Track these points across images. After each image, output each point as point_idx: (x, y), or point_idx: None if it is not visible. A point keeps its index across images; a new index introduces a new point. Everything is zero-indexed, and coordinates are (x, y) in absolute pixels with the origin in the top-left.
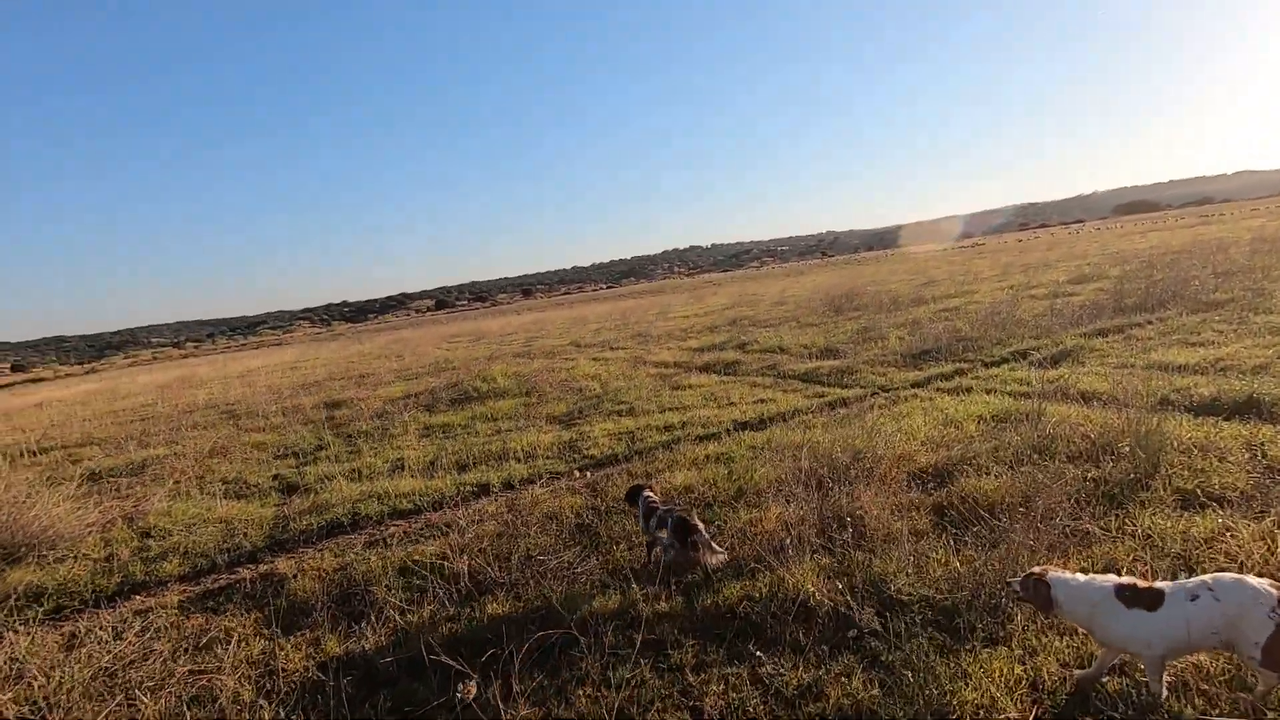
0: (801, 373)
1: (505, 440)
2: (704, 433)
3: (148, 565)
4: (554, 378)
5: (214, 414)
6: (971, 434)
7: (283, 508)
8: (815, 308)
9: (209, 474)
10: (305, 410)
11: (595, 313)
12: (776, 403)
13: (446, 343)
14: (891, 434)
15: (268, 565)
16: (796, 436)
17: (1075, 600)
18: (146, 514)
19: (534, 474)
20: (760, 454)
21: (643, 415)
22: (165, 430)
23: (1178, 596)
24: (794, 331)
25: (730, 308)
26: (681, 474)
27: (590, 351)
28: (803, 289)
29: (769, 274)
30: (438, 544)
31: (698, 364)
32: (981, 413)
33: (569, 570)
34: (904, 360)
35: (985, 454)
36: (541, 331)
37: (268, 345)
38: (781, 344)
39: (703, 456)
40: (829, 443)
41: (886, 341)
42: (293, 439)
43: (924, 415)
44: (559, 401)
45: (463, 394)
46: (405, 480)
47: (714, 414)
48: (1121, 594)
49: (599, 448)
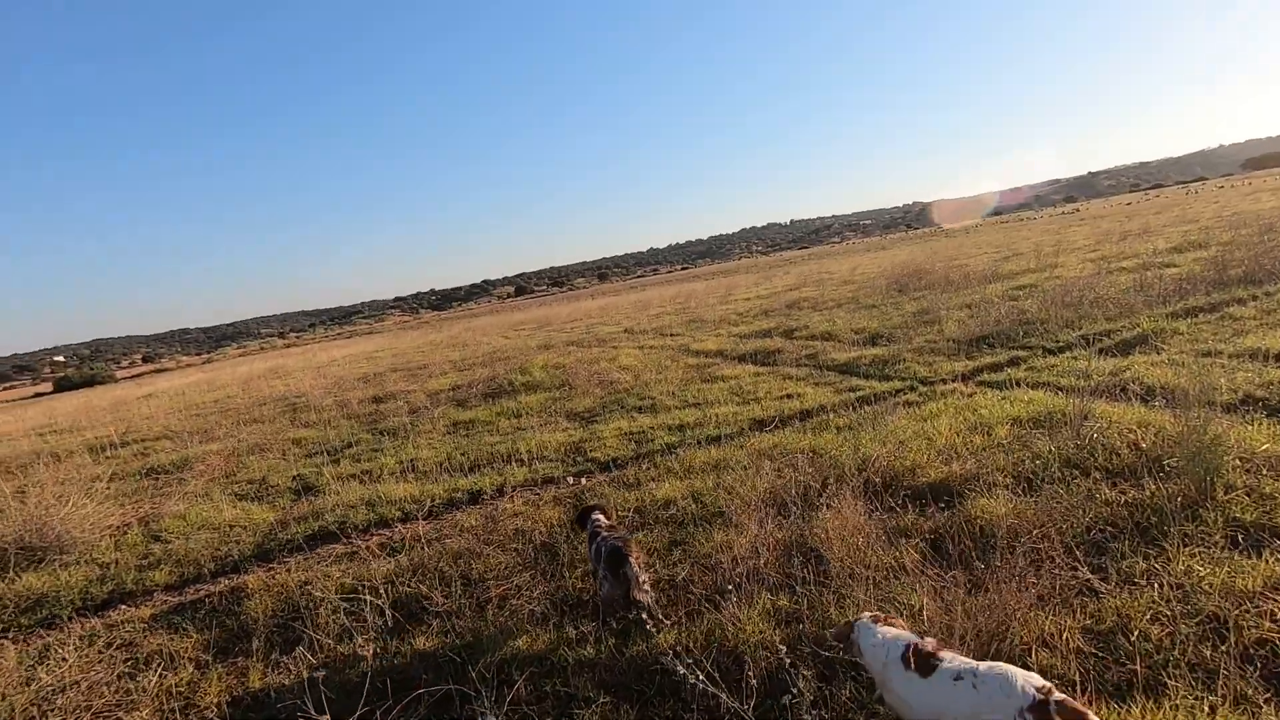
0: (841, 363)
1: (516, 440)
2: (715, 433)
3: (141, 574)
4: (590, 370)
5: (278, 407)
6: (1000, 440)
7: (287, 512)
8: (880, 287)
9: (239, 473)
10: (353, 404)
11: (660, 296)
12: (803, 398)
13: (512, 330)
14: (909, 439)
15: (241, 579)
16: (806, 440)
17: (873, 653)
18: (162, 517)
19: (531, 479)
20: (760, 462)
21: (662, 412)
22: (228, 425)
23: (945, 674)
24: (849, 315)
25: (794, 289)
26: (669, 485)
27: (640, 339)
28: (875, 266)
29: (847, 250)
30: (398, 561)
31: (739, 353)
32: (1019, 414)
33: (512, 598)
34: (956, 347)
35: (1009, 467)
36: (603, 318)
37: (359, 335)
38: (831, 329)
39: (700, 463)
40: (837, 448)
41: (943, 325)
42: (331, 435)
43: (954, 415)
44: (586, 396)
45: (497, 388)
46: (404, 485)
47: (733, 412)
48: (905, 655)
49: (605, 450)
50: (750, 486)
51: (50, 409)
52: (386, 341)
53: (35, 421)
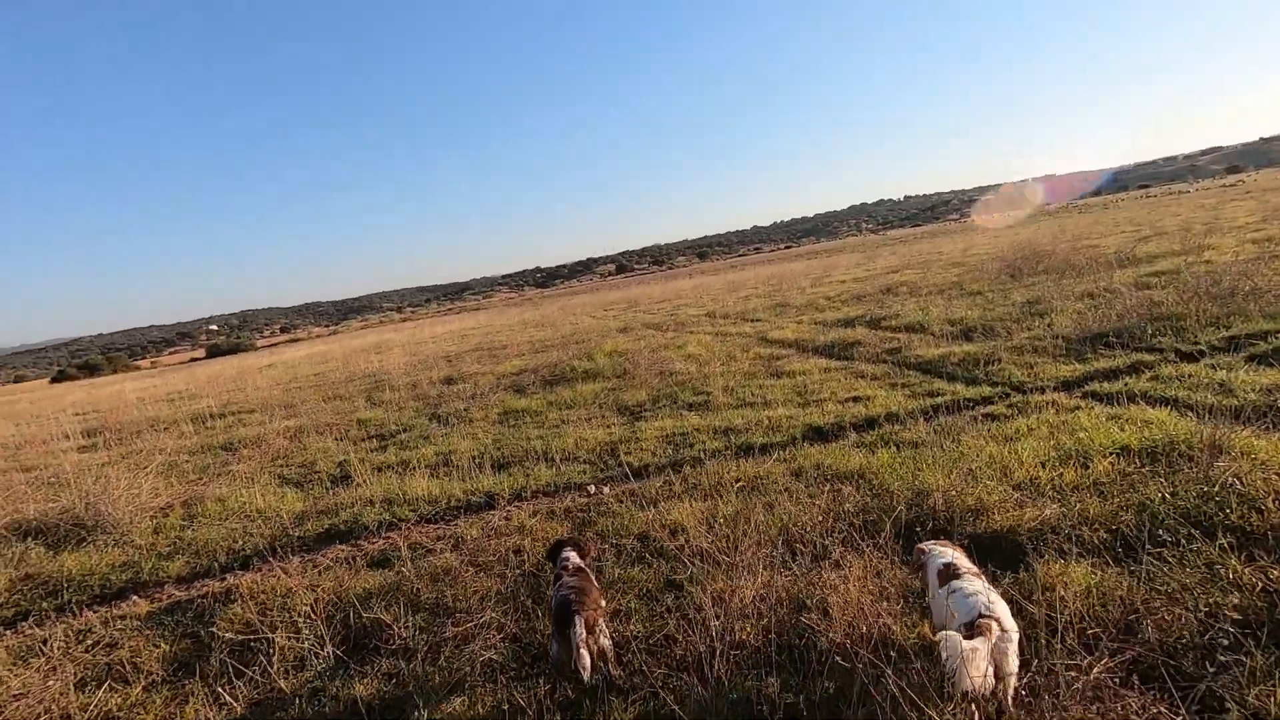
0: (926, 361)
1: (555, 436)
2: (764, 440)
3: (159, 563)
4: (654, 358)
5: (361, 385)
6: (1099, 478)
7: (314, 503)
8: (990, 271)
9: (295, 455)
10: (424, 385)
11: (754, 277)
12: (871, 403)
13: (601, 310)
14: (981, 466)
15: (240, 579)
16: (858, 460)
17: (929, 568)
18: (204, 499)
19: (554, 484)
20: (799, 483)
21: (713, 412)
22: (313, 400)
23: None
24: (947, 303)
25: (894, 271)
26: (687, 506)
27: (719, 324)
28: (991, 245)
29: (964, 228)
30: (384, 576)
31: (816, 344)
32: (1129, 441)
33: (473, 639)
34: (1066, 347)
35: (1104, 518)
36: (690, 299)
37: (467, 310)
38: (923, 319)
39: (732, 479)
40: (891, 472)
41: (1054, 319)
42: (393, 418)
43: (1044, 438)
44: (642, 388)
45: (558, 375)
46: (428, 482)
47: (789, 416)
48: (940, 569)
49: (641, 453)
50: (773, 518)
51: (191, 375)
52: (485, 319)
53: (173, 387)
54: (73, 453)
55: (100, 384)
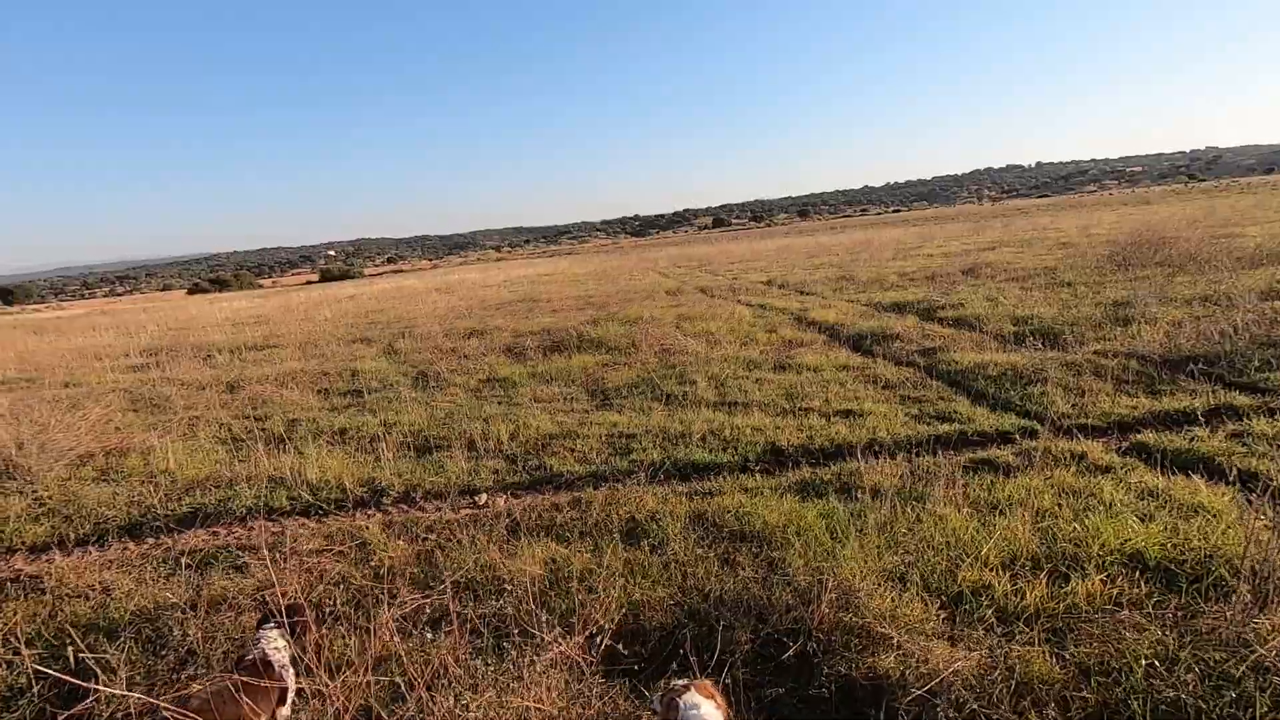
0: (958, 370)
1: (501, 418)
2: (708, 459)
3: (25, 524)
4: (667, 332)
5: (397, 329)
6: (1073, 605)
7: (218, 469)
8: (1095, 257)
9: (260, 405)
10: (441, 338)
11: (842, 243)
12: (861, 422)
13: (672, 266)
14: (923, 556)
15: (68, 562)
16: (784, 510)
17: None
18: (130, 451)
19: (451, 485)
20: (690, 535)
21: (682, 409)
22: (342, 340)
23: None
24: (1025, 294)
25: (990, 248)
26: (542, 549)
27: (770, 295)
28: (1115, 226)
29: (1096, 202)
30: (174, 585)
31: (851, 332)
32: (1148, 546)
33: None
34: (1139, 370)
35: (1066, 685)
36: (764, 262)
37: (561, 254)
38: (987, 313)
39: (622, 517)
40: (806, 542)
41: (1141, 329)
42: (389, 371)
43: (1032, 520)
44: (631, 368)
45: (559, 341)
46: (339, 461)
47: (758, 427)
48: None
49: (570, 455)
50: (613, 592)
51: (286, 300)
52: (562, 265)
53: (259, 310)
54: (113, 372)
55: (220, 299)
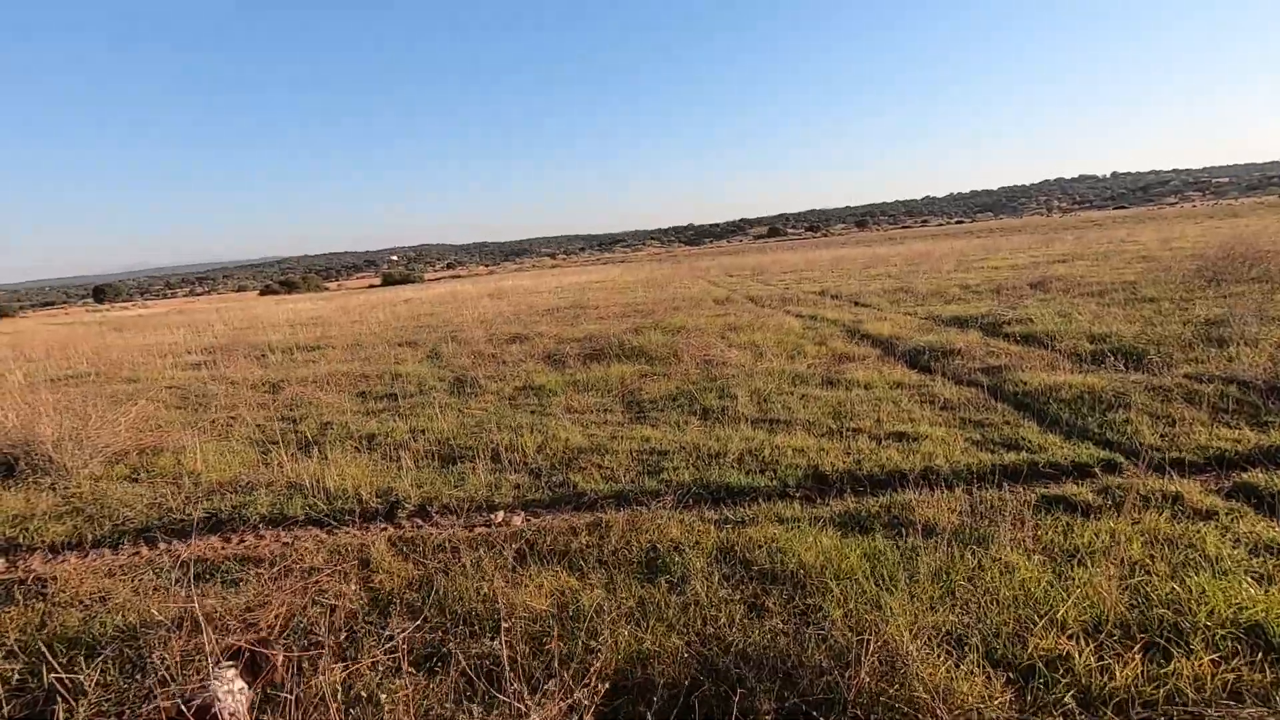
0: (1028, 391)
1: (531, 429)
2: (743, 483)
3: (49, 522)
4: (710, 341)
5: (443, 332)
6: (1176, 692)
7: (242, 473)
8: (1181, 272)
9: (296, 407)
10: (486, 343)
11: (900, 254)
12: (918, 446)
13: (724, 275)
14: (984, 613)
15: (80, 564)
16: (823, 548)
17: None
18: (164, 450)
19: (469, 499)
20: (714, 572)
21: (721, 425)
22: (388, 343)
23: None
24: (1102, 310)
25: (1064, 259)
26: (553, 579)
27: (824, 306)
28: (1202, 238)
29: (1178, 214)
30: (164, 603)
31: (908, 346)
32: (1268, 616)
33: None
34: (1240, 398)
35: None
36: (818, 272)
37: (614, 262)
38: (1060, 329)
39: (643, 546)
40: (845, 589)
41: (1240, 350)
42: (428, 375)
43: (1120, 574)
44: (671, 379)
45: (600, 350)
46: (359, 469)
47: (801, 448)
48: None
49: (598, 472)
50: (616, 648)
51: (345, 302)
52: (614, 273)
53: (317, 312)
54: (172, 369)
55: (287, 300)
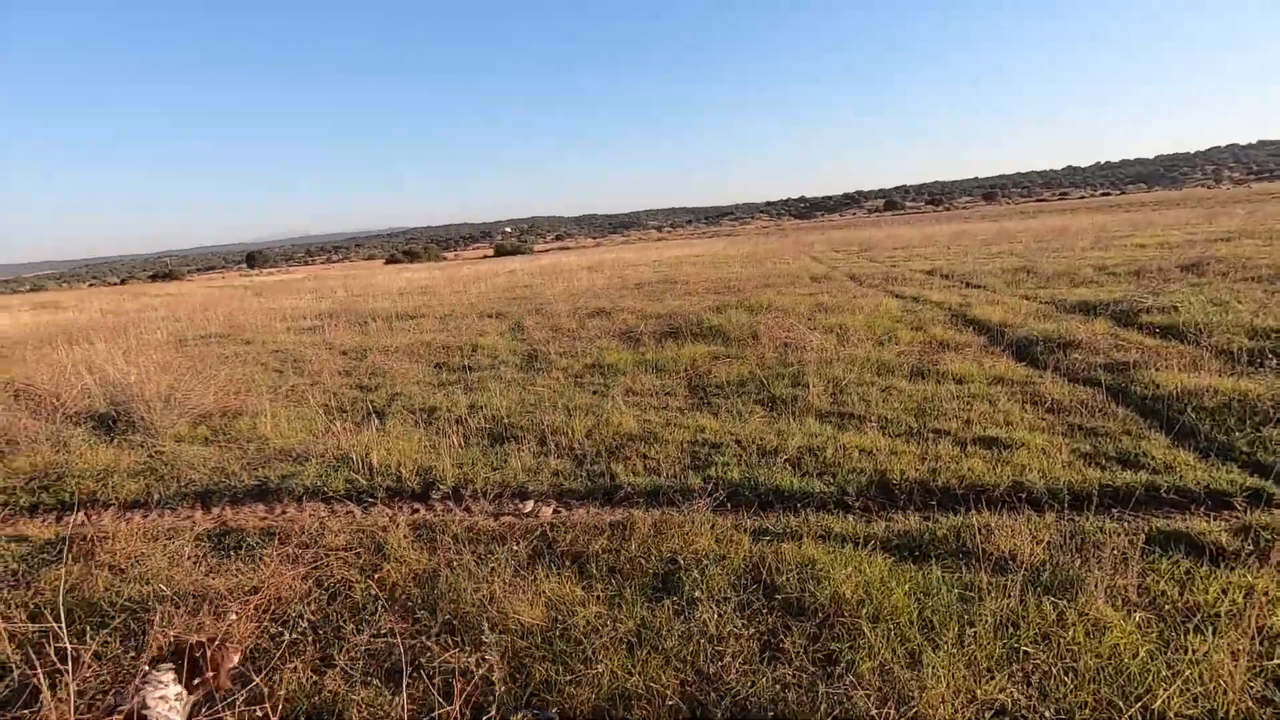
0: (1156, 395)
1: (589, 410)
2: (796, 487)
3: (125, 480)
4: (795, 322)
5: (531, 305)
6: None
7: (304, 442)
8: None
9: (373, 376)
10: (565, 316)
11: (1029, 228)
12: (1010, 456)
13: (830, 249)
14: (1069, 698)
15: (126, 524)
16: (868, 576)
17: None
18: (242, 413)
19: (508, 485)
20: (731, 598)
21: (790, 415)
22: (478, 313)
23: None
24: (1274, 297)
25: (1229, 237)
26: (557, 585)
27: (929, 287)
28: None
29: None
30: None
31: (1018, 335)
32: None
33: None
34: None
35: None
36: (933, 249)
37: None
38: (1205, 320)
39: (664, 554)
40: (885, 635)
41: None
42: (501, 347)
43: (1252, 650)
44: (745, 362)
45: (676, 328)
46: (407, 444)
47: (869, 448)
48: None
49: (643, 464)
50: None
51: (454, 272)
52: (716, 247)
53: (426, 281)
54: (285, 333)
55: (407, 269)
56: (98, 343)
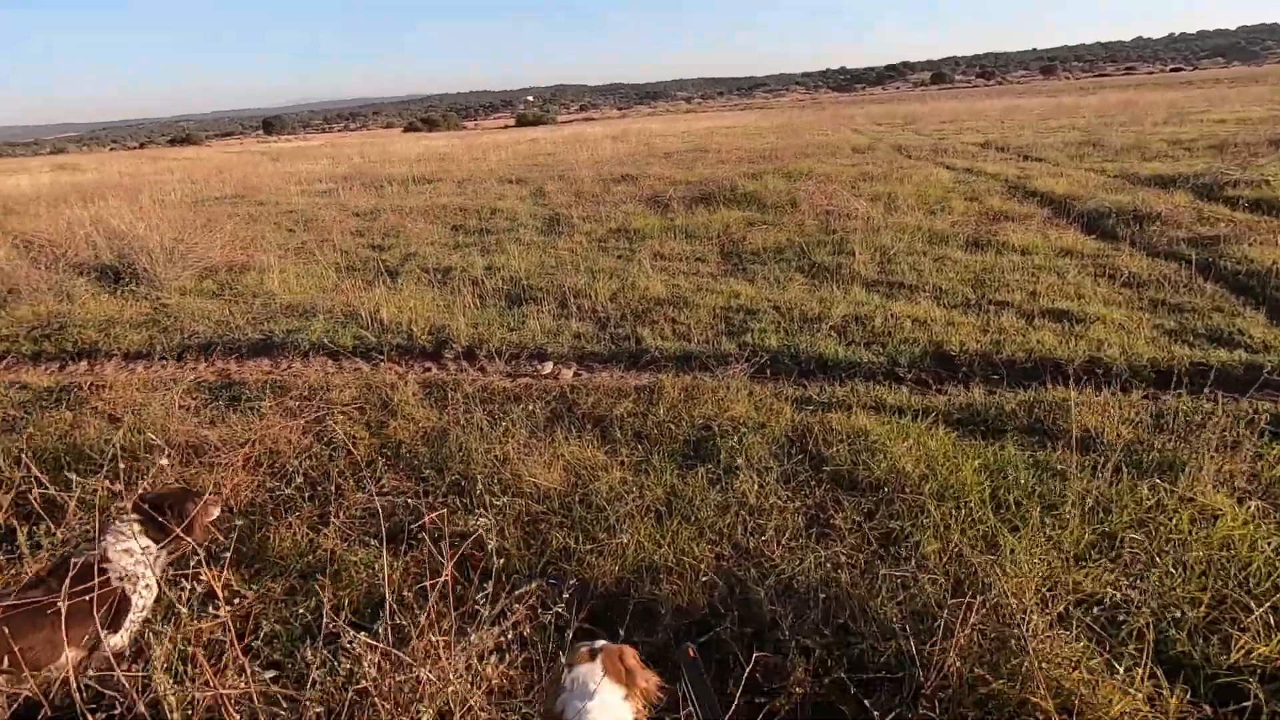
0: (1250, 271)
1: (614, 274)
2: (840, 356)
3: (129, 331)
4: (835, 191)
5: (554, 172)
6: None
7: (313, 297)
8: None
9: (386, 236)
10: (594, 180)
11: (1091, 104)
12: (1085, 331)
13: (870, 123)
14: (1175, 593)
15: (124, 374)
16: (916, 452)
17: None
18: (249, 269)
19: (536, 344)
20: (773, 468)
21: (834, 283)
22: (495, 178)
23: None
24: None
25: None
26: (572, 449)
27: (984, 159)
28: None
29: None
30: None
31: (1088, 207)
32: None
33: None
34: None
35: None
36: (985, 124)
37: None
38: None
39: (695, 420)
40: (952, 517)
41: None
42: (521, 211)
43: None
44: (784, 229)
45: (705, 194)
46: (419, 303)
47: (929, 316)
48: None
49: (674, 328)
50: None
51: (472, 141)
52: (748, 119)
53: (446, 150)
54: (300, 195)
55: (425, 137)
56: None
